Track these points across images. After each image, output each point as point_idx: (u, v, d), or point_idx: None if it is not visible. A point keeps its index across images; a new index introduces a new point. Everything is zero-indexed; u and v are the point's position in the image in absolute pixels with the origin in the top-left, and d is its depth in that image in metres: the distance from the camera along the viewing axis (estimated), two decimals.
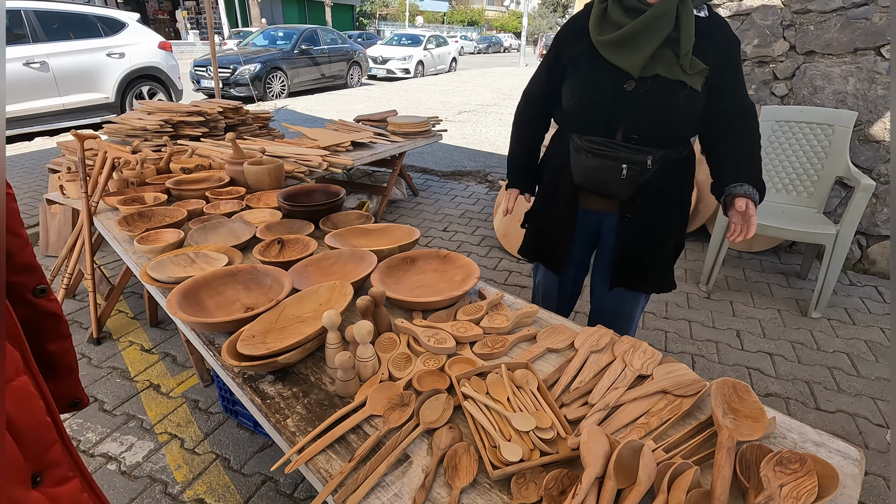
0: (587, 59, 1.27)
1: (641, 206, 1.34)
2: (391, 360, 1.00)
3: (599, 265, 1.54)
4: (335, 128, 3.71)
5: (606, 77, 1.23)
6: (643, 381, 0.96)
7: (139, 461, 1.60)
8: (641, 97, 1.21)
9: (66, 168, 2.52)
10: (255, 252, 1.38)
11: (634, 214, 1.35)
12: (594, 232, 1.49)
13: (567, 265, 1.53)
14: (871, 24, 2.72)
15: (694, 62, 1.18)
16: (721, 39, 1.23)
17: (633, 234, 1.38)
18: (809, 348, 2.27)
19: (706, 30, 1.20)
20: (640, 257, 1.40)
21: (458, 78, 14.43)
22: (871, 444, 1.75)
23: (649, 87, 1.20)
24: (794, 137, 2.71)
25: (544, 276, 1.64)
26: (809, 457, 0.73)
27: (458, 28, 42.81)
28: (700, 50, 1.19)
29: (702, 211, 3.33)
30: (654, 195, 1.32)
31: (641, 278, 1.44)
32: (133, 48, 6.39)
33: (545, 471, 0.75)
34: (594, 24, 1.25)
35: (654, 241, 1.39)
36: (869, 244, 3.00)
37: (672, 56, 1.18)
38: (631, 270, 1.43)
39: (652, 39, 1.17)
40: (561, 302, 1.65)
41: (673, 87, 1.19)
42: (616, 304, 1.54)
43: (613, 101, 1.24)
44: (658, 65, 1.19)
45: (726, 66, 1.23)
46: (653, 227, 1.37)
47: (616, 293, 1.50)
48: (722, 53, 1.22)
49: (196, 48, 18.83)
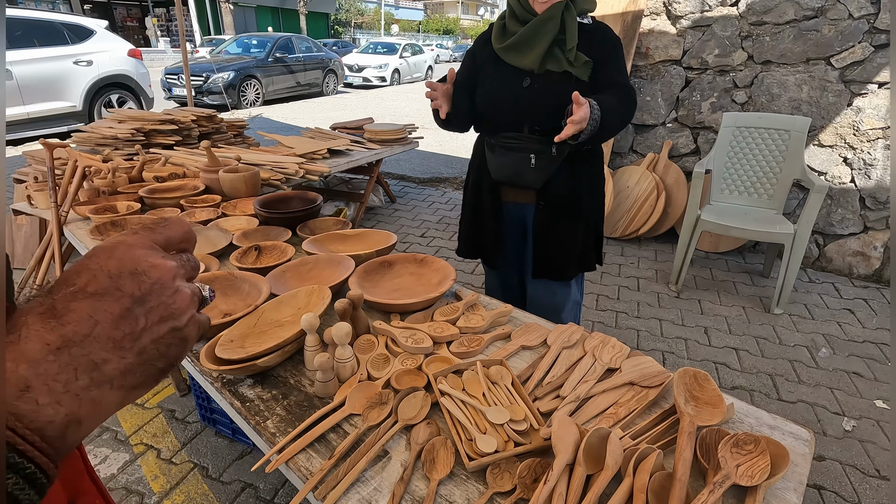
0: (491, 64, 1.47)
1: (553, 193, 1.49)
2: (370, 361, 1.02)
3: (528, 259, 1.63)
4: (311, 135, 3.71)
5: (508, 78, 1.43)
6: (612, 375, 1.01)
7: (114, 473, 1.58)
8: (538, 92, 1.39)
9: (33, 178, 2.46)
10: (232, 259, 1.39)
11: (547, 201, 1.49)
12: (521, 224, 1.60)
13: (504, 261, 1.65)
14: (822, 36, 2.88)
15: (578, 56, 1.35)
16: (602, 39, 1.41)
17: (548, 221, 1.52)
18: (772, 343, 2.38)
19: (590, 31, 1.40)
20: (556, 243, 1.53)
21: None
22: (829, 431, 1.84)
23: (543, 81, 1.39)
24: (755, 142, 2.85)
25: (487, 277, 1.76)
26: (763, 438, 0.78)
27: (434, 36, 43.14)
28: (585, 49, 1.38)
29: (670, 213, 3.45)
30: (565, 183, 1.48)
31: (561, 265, 1.55)
32: (101, 56, 6.26)
33: (519, 460, 0.79)
34: (495, 35, 1.46)
35: (569, 227, 1.53)
36: (826, 243, 3.16)
37: (560, 53, 1.37)
38: (550, 257, 1.54)
39: (542, 40, 1.35)
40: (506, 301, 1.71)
41: (563, 79, 1.38)
42: (547, 295, 1.63)
43: (515, 98, 1.42)
44: (549, 62, 1.38)
45: (609, 60, 1.41)
46: (567, 211, 1.51)
47: (543, 286, 1.61)
48: (603, 50, 1.40)
49: (167, 56, 18.49)
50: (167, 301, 0.35)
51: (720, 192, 2.97)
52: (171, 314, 0.35)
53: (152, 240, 0.38)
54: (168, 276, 0.36)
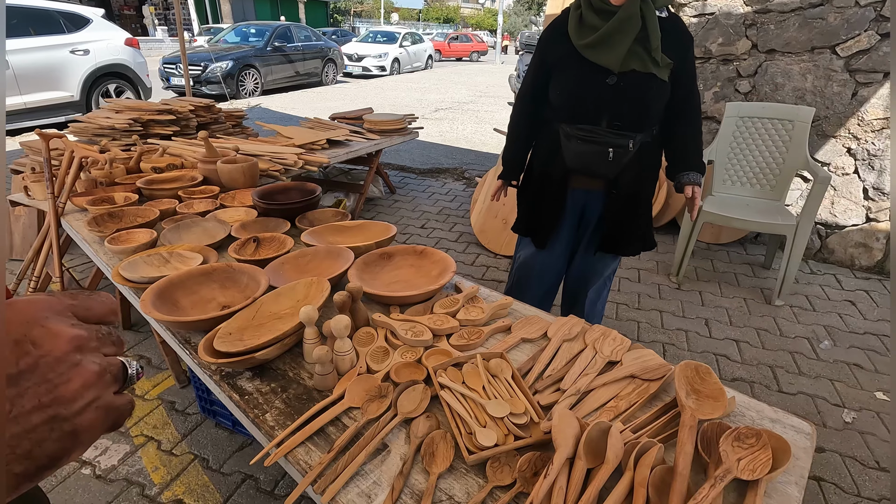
0: (572, 58, 1.46)
1: (624, 182, 1.55)
2: (369, 354, 1.01)
3: (583, 236, 1.72)
4: (310, 126, 3.68)
5: (590, 74, 1.43)
6: (613, 367, 1.00)
7: (114, 464, 1.58)
8: (622, 89, 1.41)
9: (30, 168, 2.44)
10: (230, 251, 1.38)
11: (619, 190, 1.57)
12: (581, 208, 1.67)
13: (554, 242, 1.72)
14: (827, 24, 2.84)
15: (663, 57, 1.37)
16: (679, 36, 1.43)
17: (618, 206, 1.60)
18: (773, 334, 2.38)
19: (666, 27, 1.39)
20: (624, 224, 1.63)
21: (435, 75, 14.43)
22: (829, 423, 1.84)
23: (628, 80, 1.40)
24: (758, 132, 2.82)
25: (528, 255, 1.80)
26: (765, 432, 0.77)
27: (434, 25, 42.71)
28: (663, 46, 1.37)
29: (672, 205, 3.43)
30: (634, 172, 1.54)
31: (625, 242, 1.67)
32: (98, 45, 6.19)
33: (519, 454, 0.78)
34: (573, 30, 1.45)
35: (636, 210, 1.63)
36: (828, 234, 3.15)
37: (644, 52, 1.37)
38: (617, 237, 1.65)
39: (624, 39, 1.35)
40: (540, 279, 1.81)
41: (647, 80, 1.40)
42: (592, 265, 1.77)
43: (598, 93, 1.43)
44: (633, 61, 1.38)
45: (684, 60, 1.44)
46: (634, 198, 1.60)
47: (593, 257, 1.73)
48: (680, 49, 1.42)
49: (165, 45, 18.31)
50: (54, 381, 0.28)
51: (722, 183, 2.94)
52: (56, 400, 0.28)
53: (68, 305, 0.32)
54: (65, 347, 0.29)
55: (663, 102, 1.46)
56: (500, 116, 8.07)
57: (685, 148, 1.57)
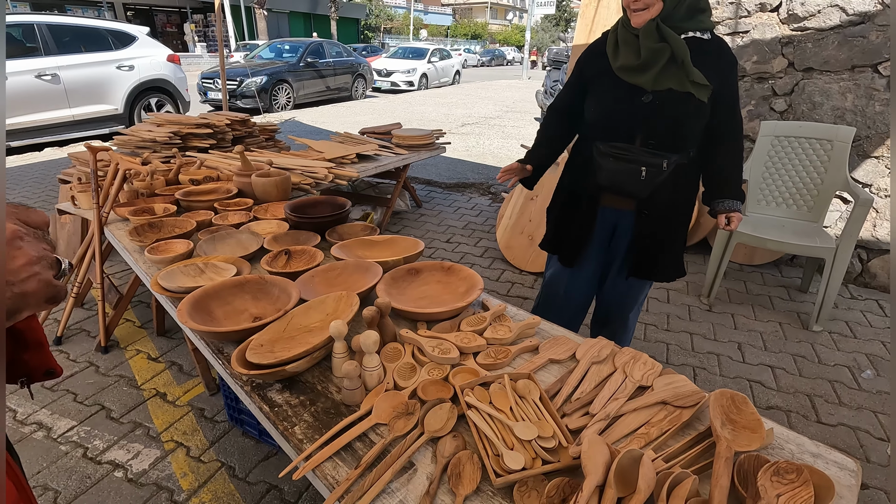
0: (608, 77, 1.47)
1: (656, 203, 1.51)
2: (396, 370, 1.02)
3: (614, 258, 1.67)
4: (340, 140, 3.76)
5: (626, 92, 1.43)
6: (643, 392, 0.98)
7: (146, 469, 1.62)
8: (657, 108, 1.40)
9: (76, 179, 2.57)
10: (262, 263, 1.41)
11: (651, 211, 1.52)
12: (611, 228, 1.63)
13: (582, 261, 1.69)
14: (868, 42, 2.76)
15: (697, 74, 1.34)
16: (721, 59, 1.41)
17: (649, 228, 1.55)
18: (811, 361, 2.28)
19: (709, 50, 1.39)
20: (655, 248, 1.58)
21: (462, 90, 14.58)
22: (872, 458, 1.75)
23: (664, 99, 1.39)
24: (794, 152, 2.74)
25: (556, 273, 1.78)
26: (806, 467, 0.74)
27: (462, 41, 43.29)
28: (704, 67, 1.35)
29: (703, 224, 3.35)
30: (667, 193, 1.50)
31: (655, 267, 1.61)
32: (142, 61, 6.52)
33: (547, 479, 0.77)
34: (611, 52, 1.47)
35: (668, 234, 1.58)
36: (870, 258, 3.02)
37: (679, 70, 1.36)
38: (647, 261, 1.60)
39: (656, 64, 1.36)
40: (568, 298, 1.78)
41: (684, 99, 1.38)
42: (626, 291, 1.71)
43: (632, 111, 1.43)
44: (669, 80, 1.37)
45: (725, 83, 1.42)
46: (666, 220, 1.56)
47: (627, 284, 1.68)
48: (722, 72, 1.41)
49: (203, 60, 19.09)
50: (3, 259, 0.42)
51: (756, 203, 2.87)
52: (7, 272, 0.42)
53: (11, 211, 0.45)
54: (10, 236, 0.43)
55: (700, 124, 1.43)
56: (526, 132, 8.08)
57: (723, 174, 1.52)
